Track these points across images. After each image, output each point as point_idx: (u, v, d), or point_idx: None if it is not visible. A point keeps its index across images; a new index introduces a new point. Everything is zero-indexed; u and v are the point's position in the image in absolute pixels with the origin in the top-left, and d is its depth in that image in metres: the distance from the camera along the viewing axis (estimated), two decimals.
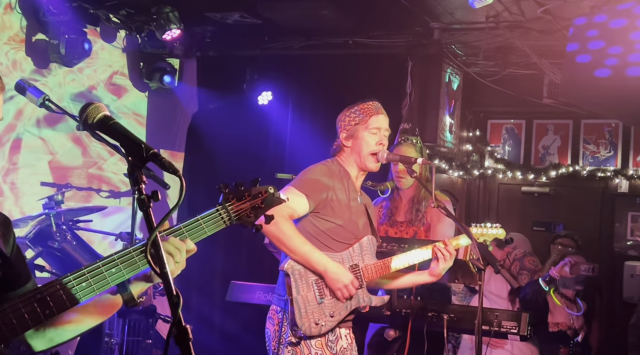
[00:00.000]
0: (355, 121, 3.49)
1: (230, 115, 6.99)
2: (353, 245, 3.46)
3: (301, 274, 3.34)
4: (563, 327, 5.42)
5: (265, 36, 6.79)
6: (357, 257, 3.46)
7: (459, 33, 6.31)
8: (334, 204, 3.40)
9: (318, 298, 3.34)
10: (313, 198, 3.36)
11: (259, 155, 7.00)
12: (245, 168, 6.90)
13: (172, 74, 7.05)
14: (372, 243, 3.54)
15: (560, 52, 5.69)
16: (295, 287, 3.32)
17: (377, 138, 3.50)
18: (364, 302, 3.46)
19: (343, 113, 3.57)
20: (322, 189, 3.38)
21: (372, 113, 3.50)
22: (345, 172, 3.52)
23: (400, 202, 4.73)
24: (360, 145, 3.49)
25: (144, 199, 1.74)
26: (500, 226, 3.80)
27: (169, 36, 6.30)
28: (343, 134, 3.51)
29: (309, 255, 3.31)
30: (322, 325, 3.32)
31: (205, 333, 6.62)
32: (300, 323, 3.29)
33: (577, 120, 7.44)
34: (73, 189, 5.95)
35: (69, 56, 6.02)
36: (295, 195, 3.33)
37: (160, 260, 1.73)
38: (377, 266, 3.48)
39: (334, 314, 3.36)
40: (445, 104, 6.69)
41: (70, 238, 4.56)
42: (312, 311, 3.32)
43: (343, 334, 3.45)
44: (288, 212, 3.30)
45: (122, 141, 1.83)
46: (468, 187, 7.79)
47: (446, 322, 4.21)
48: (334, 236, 3.43)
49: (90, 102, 1.89)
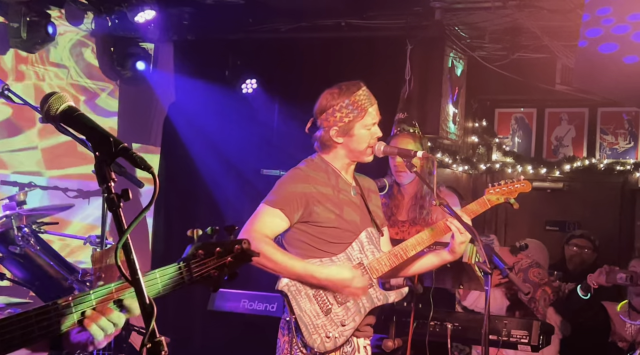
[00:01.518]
0: (349, 118, 3.42)
1: (211, 105, 6.98)
2: (352, 243, 3.47)
3: (298, 289, 3.35)
4: (616, 338, 5.44)
5: (249, 18, 6.78)
6: (359, 255, 3.47)
7: (462, 13, 6.32)
8: (320, 208, 3.40)
9: (324, 310, 3.36)
10: (290, 212, 3.36)
11: (243, 150, 6.99)
12: (228, 163, 6.90)
13: (146, 60, 7.03)
14: (372, 236, 3.53)
15: (574, 34, 5.70)
16: (296, 304, 3.33)
17: (372, 131, 3.49)
18: (379, 301, 3.46)
19: (329, 103, 3.44)
20: (299, 199, 3.37)
21: (367, 106, 3.45)
22: (332, 169, 3.50)
23: (401, 199, 4.74)
24: (356, 142, 3.46)
25: (113, 198, 1.74)
26: (524, 179, 3.84)
27: (142, 18, 6.28)
28: (333, 131, 3.43)
29: (295, 271, 3.32)
30: (335, 337, 3.34)
31: (184, 346, 6.62)
32: (312, 341, 3.30)
33: (593, 109, 7.47)
34: (37, 188, 5.93)
35: (31, 41, 5.99)
36: (269, 213, 3.35)
37: (132, 265, 1.73)
38: (385, 258, 3.48)
39: (346, 322, 3.37)
40: (448, 91, 6.70)
41: (33, 242, 4.55)
42: (322, 325, 3.34)
43: (362, 345, 3.46)
44: (266, 234, 3.32)
45: (89, 134, 1.82)
46: (474, 183, 7.81)
47: (450, 331, 4.23)
48: (330, 239, 3.44)
49: (52, 92, 1.89)
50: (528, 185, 3.86)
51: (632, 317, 5.41)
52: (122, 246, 1.73)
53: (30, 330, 1.80)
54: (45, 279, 4.56)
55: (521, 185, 3.83)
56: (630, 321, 5.38)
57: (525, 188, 3.85)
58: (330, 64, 6.57)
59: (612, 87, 5.52)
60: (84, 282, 4.53)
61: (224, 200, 6.82)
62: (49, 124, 1.96)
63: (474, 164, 7.64)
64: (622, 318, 5.38)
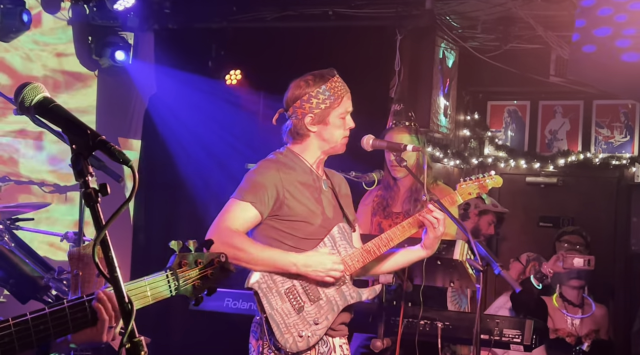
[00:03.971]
0: (326, 104, 3.40)
1: (194, 97, 6.96)
2: (323, 239, 3.46)
3: (269, 286, 3.33)
4: (562, 333, 5.48)
5: (234, 6, 6.77)
6: (331, 251, 3.44)
7: (454, 2, 6.33)
8: (290, 201, 3.39)
9: (296, 308, 3.34)
10: (260, 204, 3.35)
11: (227, 143, 6.97)
12: (212, 157, 6.88)
13: (125, 50, 7.01)
14: (344, 231, 3.51)
15: (569, 24, 5.71)
16: (267, 302, 3.30)
17: (347, 121, 3.47)
18: (352, 299, 3.46)
19: (303, 91, 3.43)
20: (270, 191, 3.36)
21: (343, 93, 3.45)
22: (301, 162, 3.49)
23: (397, 191, 4.78)
24: (330, 131, 3.44)
25: (90, 192, 1.74)
26: (495, 173, 3.89)
27: (122, 6, 6.26)
28: (308, 118, 3.42)
29: (272, 259, 3.31)
30: (308, 336, 3.32)
31: (165, 346, 6.61)
32: (283, 340, 3.28)
33: (588, 101, 7.50)
34: (11, 182, 5.91)
35: (6, 29, 5.97)
36: (239, 207, 3.34)
37: (110, 262, 1.73)
38: (357, 254, 3.47)
39: (319, 320, 3.36)
40: (439, 83, 6.71)
41: (8, 239, 4.53)
42: (293, 323, 3.32)
43: (337, 344, 3.46)
44: (236, 228, 3.32)
45: (65, 126, 1.82)
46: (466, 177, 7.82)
47: (440, 330, 4.25)
48: (300, 234, 3.42)
49: (27, 82, 1.88)
50: (499, 179, 3.91)
51: (570, 310, 5.46)
52: (100, 242, 1.73)
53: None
54: (20, 277, 4.54)
55: (492, 180, 3.87)
56: (570, 315, 5.43)
57: (496, 183, 3.90)
58: (318, 54, 6.55)
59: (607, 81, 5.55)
60: (61, 280, 4.51)
61: (206, 193, 6.81)
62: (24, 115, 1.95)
63: (465, 158, 7.66)
64: (563, 312, 5.43)
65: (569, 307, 5.52)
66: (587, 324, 5.50)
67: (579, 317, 5.45)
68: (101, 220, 1.74)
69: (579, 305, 5.54)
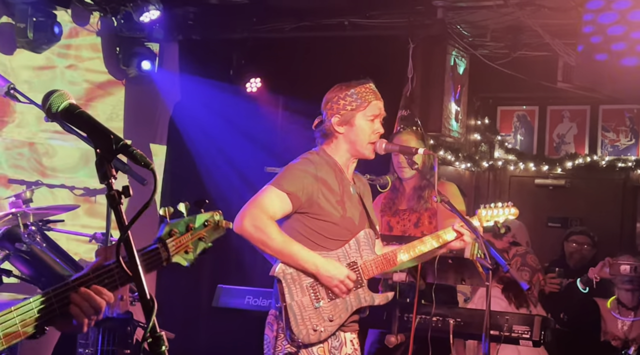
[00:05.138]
0: (352, 106, 3.44)
1: (216, 103, 6.98)
2: (349, 241, 3.47)
3: (294, 278, 3.35)
4: (609, 337, 5.39)
5: (253, 17, 6.77)
6: (355, 254, 3.47)
7: (464, 12, 6.30)
8: (322, 201, 3.40)
9: (314, 302, 3.35)
10: (295, 197, 3.36)
11: (247, 147, 6.99)
12: (232, 161, 6.90)
13: (151, 60, 7.03)
14: (369, 237, 3.53)
15: (575, 32, 5.69)
16: (288, 292, 3.33)
17: (374, 126, 3.49)
18: (366, 302, 3.47)
19: (335, 93, 3.49)
20: (306, 186, 3.37)
21: (371, 98, 3.47)
22: (334, 163, 3.50)
23: (403, 191, 4.80)
24: (356, 133, 3.46)
25: (114, 194, 1.74)
26: (512, 205, 3.87)
27: (148, 18, 6.28)
28: (335, 118, 3.45)
29: (297, 254, 3.32)
30: (321, 330, 3.33)
31: (191, 341, 6.62)
32: (297, 331, 3.30)
33: (595, 106, 7.45)
34: (43, 186, 5.94)
35: (38, 41, 6.00)
36: (275, 195, 3.34)
37: (133, 261, 1.73)
38: (377, 261, 3.49)
39: (334, 318, 3.37)
40: (451, 89, 6.68)
41: (39, 239, 4.56)
42: (309, 317, 3.33)
43: (348, 338, 3.47)
44: (269, 214, 3.32)
45: (90, 132, 1.83)
46: (476, 180, 7.80)
47: (452, 327, 4.22)
48: (327, 234, 3.43)
49: (54, 90, 1.89)
50: (516, 212, 3.91)
51: (622, 314, 5.37)
52: (123, 242, 1.73)
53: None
54: (51, 276, 4.56)
55: (510, 212, 3.88)
56: (621, 317, 5.35)
57: (513, 214, 3.90)
58: (334, 62, 6.55)
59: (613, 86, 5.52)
60: None
61: (228, 196, 6.83)
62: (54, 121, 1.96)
63: (476, 162, 7.62)
64: (614, 314, 5.35)
65: (622, 310, 5.41)
66: (637, 327, 5.38)
67: (629, 319, 5.36)
68: (124, 221, 1.74)
69: (633, 309, 5.43)
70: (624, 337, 5.31)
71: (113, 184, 1.76)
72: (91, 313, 1.83)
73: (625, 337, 5.31)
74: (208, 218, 2.02)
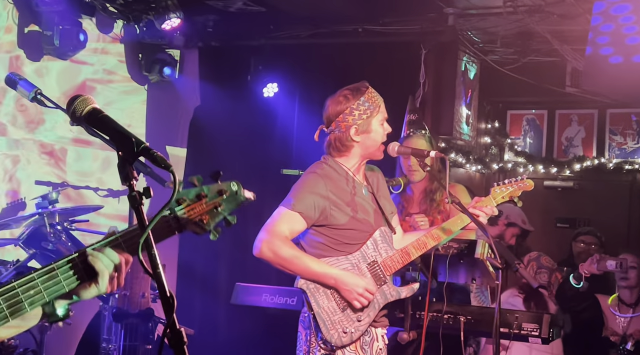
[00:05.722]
0: (367, 114, 3.43)
1: (235, 108, 6.99)
2: (366, 243, 3.48)
3: (317, 286, 3.40)
4: (608, 333, 5.36)
5: (271, 25, 6.79)
6: (373, 253, 3.49)
7: (475, 19, 6.29)
8: (335, 212, 3.42)
9: (341, 307, 3.40)
10: (308, 216, 3.38)
11: (265, 150, 7.00)
12: (250, 163, 6.92)
13: (172, 66, 7.06)
14: (386, 235, 3.55)
15: (583, 38, 5.66)
16: (314, 301, 3.37)
17: (386, 127, 3.52)
18: (392, 297, 3.50)
19: (344, 106, 3.42)
20: (317, 203, 3.39)
21: (380, 102, 3.49)
22: (345, 172, 3.51)
23: (412, 195, 4.78)
24: (373, 138, 3.48)
25: (135, 196, 1.75)
26: (526, 177, 3.84)
27: (169, 26, 6.30)
28: (353, 130, 3.43)
29: (315, 272, 3.36)
30: (352, 332, 3.38)
31: (209, 337, 6.64)
32: (329, 336, 3.35)
33: (602, 110, 7.41)
34: (68, 187, 5.98)
35: (64, 48, 6.04)
36: (288, 217, 3.37)
37: (153, 259, 1.74)
38: (396, 257, 3.52)
39: (362, 318, 3.41)
40: (462, 94, 6.67)
41: (65, 239, 4.58)
42: (339, 321, 3.37)
43: (380, 334, 3.51)
44: (283, 237, 3.35)
45: (112, 135, 1.83)
46: (487, 182, 7.76)
47: (463, 325, 4.21)
48: (347, 240, 3.47)
49: (78, 95, 1.90)
50: (531, 184, 3.85)
51: (622, 311, 5.34)
52: (144, 242, 1.74)
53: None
54: None
55: (525, 185, 3.83)
56: (620, 315, 5.32)
57: (528, 187, 3.84)
58: (348, 68, 6.56)
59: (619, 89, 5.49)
60: None
61: None
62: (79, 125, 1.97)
63: (487, 164, 7.60)
64: (613, 312, 5.32)
65: (622, 307, 5.38)
66: (635, 323, 5.34)
67: (626, 316, 5.32)
68: (145, 221, 1.75)
69: (632, 306, 5.40)
70: (622, 333, 5.29)
71: (135, 185, 1.77)
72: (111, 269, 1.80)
73: (624, 333, 5.29)
74: (224, 187, 1.89)
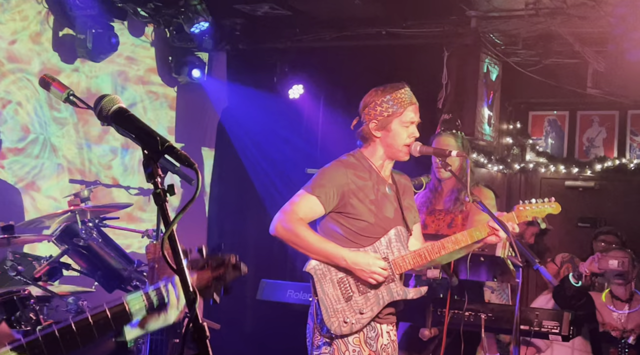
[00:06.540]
0: (389, 112, 3.40)
1: (261, 109, 7.00)
2: (380, 238, 3.44)
3: (324, 273, 3.36)
4: (608, 327, 5.30)
5: (296, 28, 6.79)
6: (385, 250, 3.43)
7: (497, 21, 6.23)
8: (355, 201, 3.39)
9: (345, 296, 3.36)
10: (326, 200, 3.36)
11: (290, 150, 7.00)
12: (276, 163, 6.93)
13: (201, 68, 7.09)
14: (401, 234, 3.49)
15: (604, 40, 5.59)
16: (319, 287, 3.35)
17: (410, 130, 3.46)
18: (398, 296, 3.43)
19: (372, 99, 3.44)
20: (337, 189, 3.37)
21: (407, 104, 3.43)
22: (369, 165, 3.49)
23: (441, 192, 4.74)
24: (393, 137, 3.44)
25: (160, 193, 1.74)
26: (554, 200, 3.68)
27: (198, 29, 6.33)
28: (373, 124, 3.43)
29: (326, 251, 3.33)
30: (352, 323, 3.33)
31: (235, 332, 6.65)
32: (329, 323, 3.31)
33: (623, 111, 7.31)
34: (100, 185, 6.01)
35: (96, 51, 6.09)
36: (306, 199, 3.36)
37: (177, 256, 1.73)
38: (408, 257, 3.43)
39: (365, 311, 3.36)
40: (484, 95, 6.61)
41: (96, 235, 4.61)
42: (341, 309, 3.33)
43: (385, 330, 3.45)
44: (299, 216, 3.34)
45: (138, 133, 1.83)
46: (508, 182, 7.69)
47: (484, 321, 4.17)
48: (362, 232, 3.42)
49: (105, 94, 1.90)
50: (558, 207, 3.69)
51: (617, 306, 5.26)
52: (168, 237, 1.73)
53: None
54: (106, 269, 4.62)
55: (551, 207, 3.68)
56: (616, 310, 5.24)
57: (555, 210, 3.69)
58: (372, 70, 6.54)
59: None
60: (140, 272, 4.57)
61: (270, 195, 6.87)
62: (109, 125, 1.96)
63: (508, 164, 7.52)
64: (609, 307, 5.24)
65: (616, 303, 5.31)
66: (633, 318, 5.28)
67: (623, 312, 5.25)
68: (169, 218, 1.74)
69: (627, 301, 5.33)
70: (622, 328, 5.22)
71: (159, 182, 1.76)
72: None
73: (623, 327, 5.21)
74: (225, 259, 2.08)
